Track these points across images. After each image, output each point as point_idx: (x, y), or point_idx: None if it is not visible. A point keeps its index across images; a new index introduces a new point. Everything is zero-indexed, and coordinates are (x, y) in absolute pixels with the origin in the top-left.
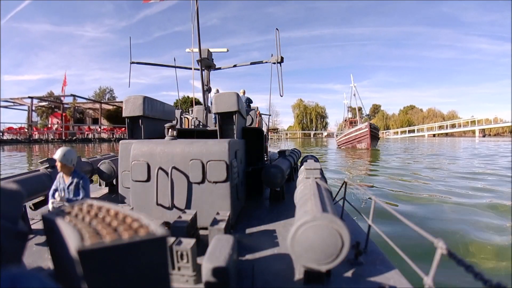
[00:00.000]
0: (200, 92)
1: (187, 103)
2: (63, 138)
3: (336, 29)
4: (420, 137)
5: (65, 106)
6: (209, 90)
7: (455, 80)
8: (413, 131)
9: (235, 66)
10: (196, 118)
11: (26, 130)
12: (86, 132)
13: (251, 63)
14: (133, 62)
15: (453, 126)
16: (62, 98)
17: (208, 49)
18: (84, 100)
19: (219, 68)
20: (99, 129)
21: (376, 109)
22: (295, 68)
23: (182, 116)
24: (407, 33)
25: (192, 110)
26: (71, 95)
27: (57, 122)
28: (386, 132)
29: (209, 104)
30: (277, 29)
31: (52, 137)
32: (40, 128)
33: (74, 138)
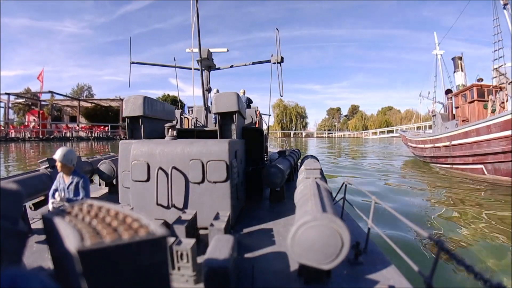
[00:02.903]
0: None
1: (167, 102)
2: (40, 136)
3: (316, 30)
4: (398, 137)
5: (43, 103)
6: (209, 90)
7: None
8: (391, 131)
9: (232, 66)
10: (196, 118)
11: (3, 128)
12: (64, 131)
13: (251, 63)
14: (133, 62)
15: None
16: (39, 95)
17: (208, 49)
18: (62, 97)
19: (219, 68)
20: (77, 127)
21: (354, 109)
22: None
23: (182, 116)
24: (386, 36)
25: (192, 110)
26: (49, 91)
27: (34, 119)
28: (365, 132)
29: (209, 104)
30: (277, 29)
31: (29, 135)
32: (17, 126)
33: (52, 136)
